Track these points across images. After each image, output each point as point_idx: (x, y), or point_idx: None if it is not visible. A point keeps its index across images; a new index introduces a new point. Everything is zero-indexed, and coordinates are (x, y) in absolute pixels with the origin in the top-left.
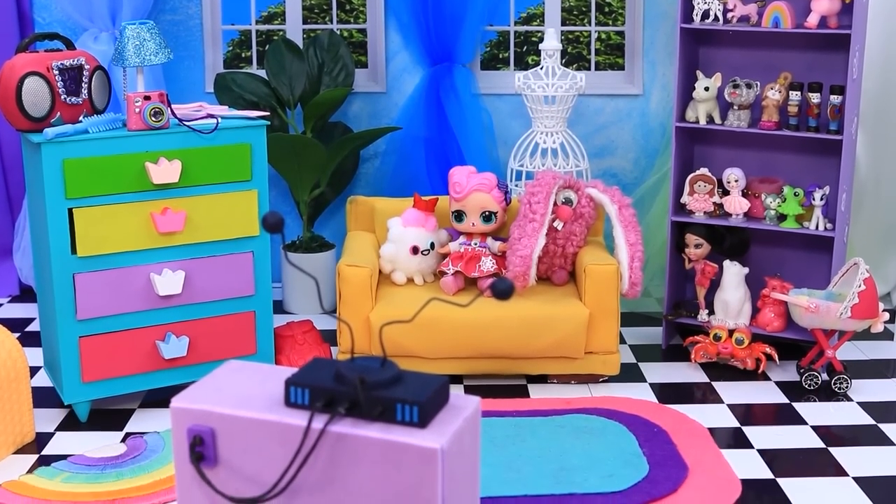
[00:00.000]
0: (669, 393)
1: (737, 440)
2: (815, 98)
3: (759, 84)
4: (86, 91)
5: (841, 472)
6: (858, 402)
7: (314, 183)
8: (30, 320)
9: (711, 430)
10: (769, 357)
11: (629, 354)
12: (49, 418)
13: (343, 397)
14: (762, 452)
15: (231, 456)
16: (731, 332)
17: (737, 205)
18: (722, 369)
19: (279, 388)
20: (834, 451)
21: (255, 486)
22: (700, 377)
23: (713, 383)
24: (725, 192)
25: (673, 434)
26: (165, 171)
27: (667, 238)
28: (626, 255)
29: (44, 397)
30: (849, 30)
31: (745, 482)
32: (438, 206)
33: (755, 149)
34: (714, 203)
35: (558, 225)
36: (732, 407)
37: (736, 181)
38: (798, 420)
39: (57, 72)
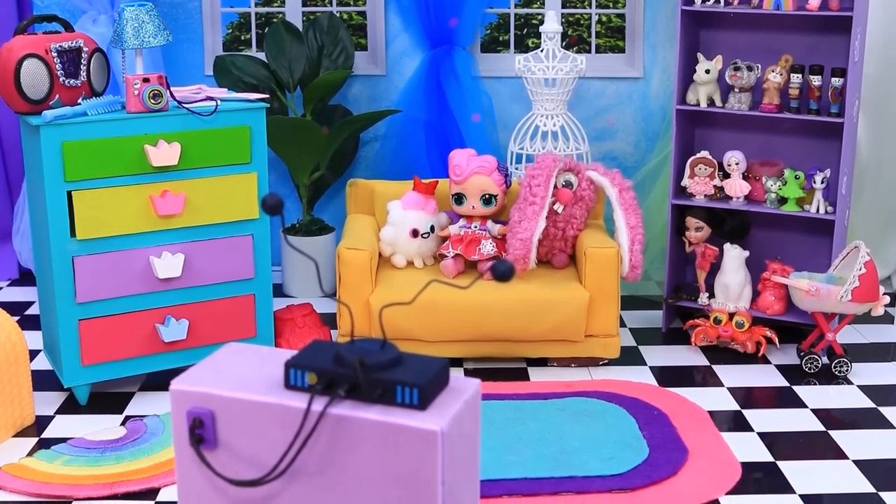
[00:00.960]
0: (669, 376)
1: (737, 423)
2: (816, 81)
3: (760, 67)
4: (84, 73)
5: (841, 455)
6: (858, 386)
7: (314, 166)
8: (29, 304)
9: (711, 413)
10: (769, 340)
11: (629, 338)
12: (49, 401)
13: (343, 380)
14: (762, 435)
15: (231, 438)
16: (731, 316)
17: (737, 188)
18: (722, 352)
19: (279, 370)
20: (834, 434)
21: (255, 469)
22: (700, 360)
23: (713, 366)
24: (726, 175)
25: (673, 417)
26: (165, 153)
27: (667, 221)
28: (626, 239)
29: (43, 380)
30: (850, 12)
31: (745, 465)
32: (438, 189)
33: (756, 132)
34: (715, 186)
35: (558, 208)
36: (732, 390)
37: (737, 164)
38: (798, 403)
39: (55, 54)
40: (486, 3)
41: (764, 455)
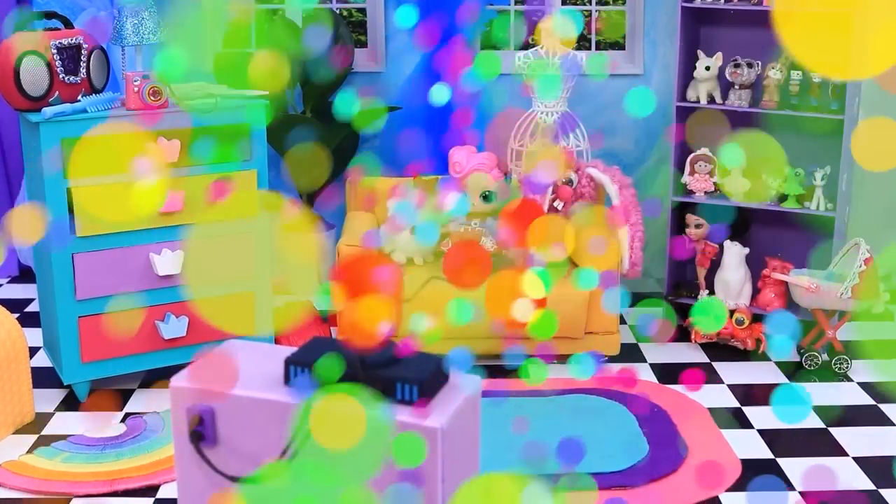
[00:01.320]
0: (669, 373)
1: (737, 420)
2: (816, 78)
3: (760, 64)
4: (84, 70)
5: (841, 452)
6: (858, 383)
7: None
8: (29, 301)
9: (711, 410)
10: (769, 337)
11: (629, 335)
12: (48, 398)
13: (343, 377)
14: (762, 432)
15: (230, 435)
16: (731, 313)
17: (737, 185)
18: (722, 349)
19: (279, 367)
20: (834, 431)
21: (255, 466)
22: (700, 357)
23: (713, 363)
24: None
25: (673, 414)
26: (164, 150)
27: (667, 218)
28: (626, 236)
29: (43, 377)
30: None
31: (744, 462)
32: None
33: (756, 128)
34: (715, 183)
35: (559, 205)
36: (732, 387)
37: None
38: (798, 400)
39: (55, 51)
40: None
41: (764, 452)
